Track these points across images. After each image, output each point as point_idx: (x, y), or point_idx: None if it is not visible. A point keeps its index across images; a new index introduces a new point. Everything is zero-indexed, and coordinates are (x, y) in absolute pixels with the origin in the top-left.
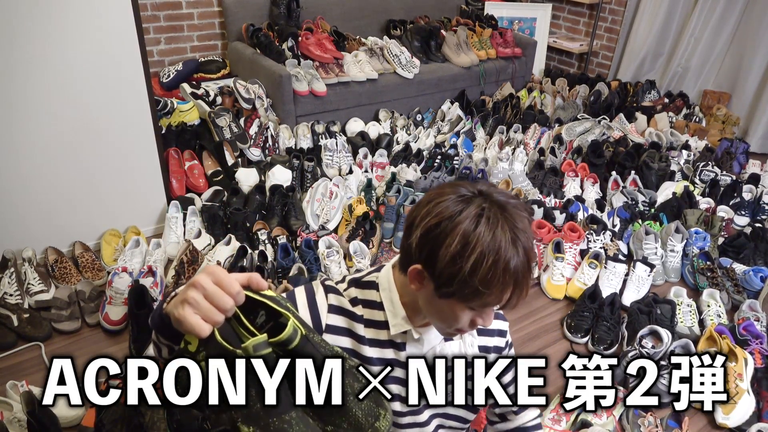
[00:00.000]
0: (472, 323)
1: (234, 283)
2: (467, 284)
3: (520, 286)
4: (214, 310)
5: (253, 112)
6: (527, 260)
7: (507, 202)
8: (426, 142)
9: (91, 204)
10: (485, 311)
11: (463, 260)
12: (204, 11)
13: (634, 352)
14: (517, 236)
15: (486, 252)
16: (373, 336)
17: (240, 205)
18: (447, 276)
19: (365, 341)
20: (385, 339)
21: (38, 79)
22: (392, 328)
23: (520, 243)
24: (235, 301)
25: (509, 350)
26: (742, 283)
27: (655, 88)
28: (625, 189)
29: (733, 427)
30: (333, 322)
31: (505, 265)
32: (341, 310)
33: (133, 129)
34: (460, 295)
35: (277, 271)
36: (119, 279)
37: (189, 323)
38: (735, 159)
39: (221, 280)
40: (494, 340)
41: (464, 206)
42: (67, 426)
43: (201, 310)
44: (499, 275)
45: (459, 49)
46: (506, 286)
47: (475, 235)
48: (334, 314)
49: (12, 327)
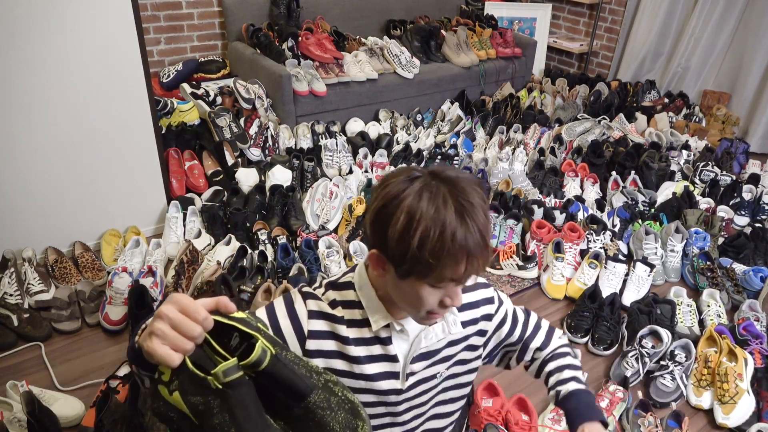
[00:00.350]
0: (442, 304)
1: (200, 309)
2: (418, 260)
3: (473, 258)
4: (181, 338)
5: (253, 112)
6: (478, 232)
7: (456, 178)
8: (426, 142)
9: (91, 204)
10: (450, 289)
11: (410, 236)
12: (204, 11)
13: (634, 352)
14: (464, 208)
15: (431, 225)
16: (357, 335)
17: (240, 205)
18: (399, 255)
19: (350, 341)
20: (369, 336)
21: (38, 80)
22: (373, 324)
23: (468, 215)
24: (202, 327)
25: (503, 308)
26: (742, 283)
27: (655, 88)
28: (625, 189)
29: (733, 427)
30: (315, 327)
31: (452, 237)
32: (321, 315)
33: (133, 129)
34: (416, 273)
35: (277, 271)
36: (119, 279)
37: (158, 354)
38: (735, 159)
39: (186, 308)
40: (480, 310)
41: (409, 184)
42: (67, 426)
43: (169, 340)
44: (447, 247)
45: (459, 49)
46: (458, 258)
47: (419, 209)
48: (315, 319)
49: (12, 327)
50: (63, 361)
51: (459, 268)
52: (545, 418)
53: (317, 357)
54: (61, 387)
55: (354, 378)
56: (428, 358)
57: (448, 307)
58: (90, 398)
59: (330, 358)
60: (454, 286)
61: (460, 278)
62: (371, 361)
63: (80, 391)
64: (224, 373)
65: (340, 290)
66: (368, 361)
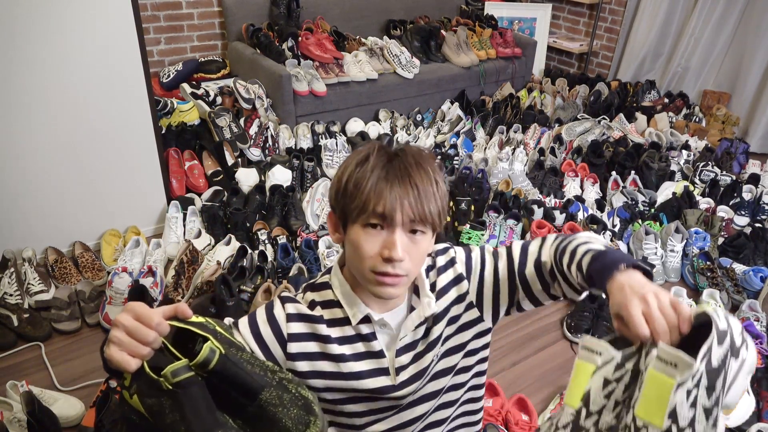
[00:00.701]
0: (381, 255)
1: (153, 315)
2: (345, 197)
3: (394, 194)
4: (136, 344)
5: (253, 112)
6: (404, 170)
7: (401, 145)
8: (426, 142)
9: (91, 204)
10: (386, 238)
11: (339, 181)
12: (204, 11)
13: None
14: (394, 155)
15: (355, 166)
16: (339, 334)
17: (240, 205)
18: (335, 202)
19: (332, 340)
20: (352, 334)
21: (38, 80)
22: (352, 319)
23: (397, 159)
24: (157, 332)
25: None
26: (742, 283)
27: (655, 88)
28: (625, 189)
29: (733, 427)
30: (294, 330)
31: (371, 171)
32: (301, 317)
33: (133, 129)
34: (348, 212)
35: (277, 271)
36: (119, 279)
37: (116, 360)
38: (735, 159)
39: (140, 315)
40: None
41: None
42: (67, 426)
43: (125, 347)
44: (366, 178)
45: (459, 49)
46: (378, 190)
47: (350, 160)
48: (294, 322)
49: (12, 327)
50: (63, 361)
51: (381, 202)
52: (545, 418)
53: (301, 360)
54: (61, 387)
55: (343, 378)
56: (414, 348)
57: (389, 262)
58: (90, 398)
59: (314, 360)
60: (387, 232)
61: (385, 214)
62: (357, 359)
63: (80, 391)
64: (173, 373)
65: (319, 291)
66: (354, 358)
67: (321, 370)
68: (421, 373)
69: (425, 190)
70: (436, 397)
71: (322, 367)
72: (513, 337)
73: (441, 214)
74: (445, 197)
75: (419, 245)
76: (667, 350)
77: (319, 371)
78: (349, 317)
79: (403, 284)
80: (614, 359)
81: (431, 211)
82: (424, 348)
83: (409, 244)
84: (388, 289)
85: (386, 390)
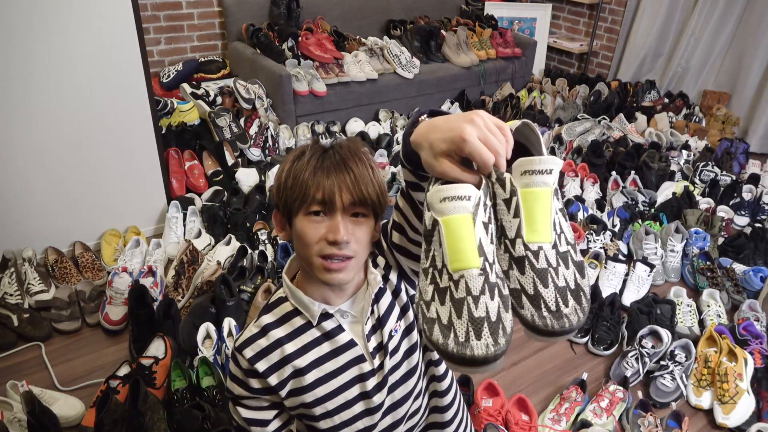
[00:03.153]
0: (326, 240)
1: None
2: (287, 191)
3: (332, 180)
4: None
5: (253, 112)
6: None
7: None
8: None
9: (91, 204)
10: (330, 223)
11: (280, 176)
12: (204, 11)
13: (634, 352)
14: (328, 148)
15: (293, 162)
16: (307, 340)
17: (240, 205)
18: (276, 196)
19: (298, 354)
20: (317, 336)
21: (38, 80)
22: (312, 319)
23: (331, 150)
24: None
25: None
26: (742, 283)
27: (655, 88)
28: (625, 189)
29: (733, 427)
30: (262, 366)
31: (308, 162)
32: (262, 353)
33: (133, 129)
34: (291, 205)
35: (277, 271)
36: (119, 279)
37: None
38: (735, 159)
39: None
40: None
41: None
42: (67, 426)
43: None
44: (303, 170)
45: (459, 49)
46: (317, 179)
47: (289, 156)
48: (259, 362)
49: (12, 327)
50: (63, 361)
51: (320, 189)
52: (545, 418)
53: (284, 386)
54: (61, 387)
55: (327, 381)
56: (381, 326)
57: (335, 243)
58: (90, 398)
59: (297, 377)
60: (329, 218)
61: (325, 200)
62: (330, 357)
63: (80, 391)
64: None
65: (273, 309)
66: (327, 358)
67: (305, 384)
68: (395, 348)
69: (361, 175)
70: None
71: (307, 380)
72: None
73: (380, 198)
74: (383, 183)
75: (362, 227)
76: (526, 161)
77: (304, 387)
78: (310, 321)
79: (352, 268)
80: (480, 197)
81: (369, 193)
82: (388, 321)
83: (353, 227)
84: (338, 274)
85: (367, 376)
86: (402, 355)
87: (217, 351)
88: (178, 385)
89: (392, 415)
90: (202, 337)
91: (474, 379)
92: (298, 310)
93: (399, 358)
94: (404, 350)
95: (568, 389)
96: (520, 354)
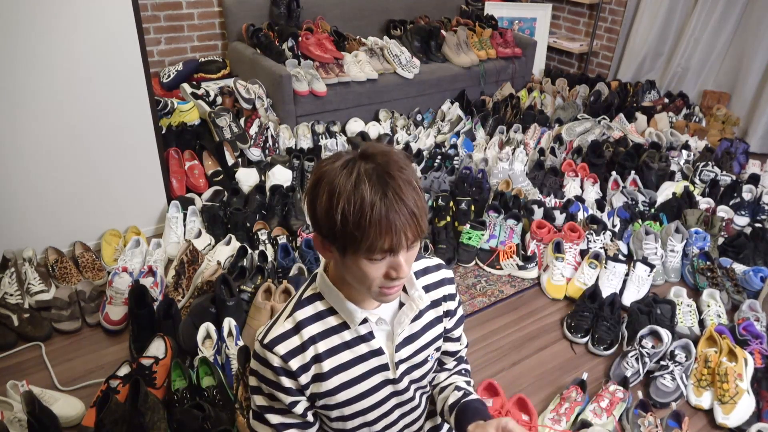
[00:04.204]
0: (387, 276)
1: None
2: (345, 234)
3: (399, 227)
4: None
5: (253, 112)
6: (400, 201)
7: (379, 153)
8: (426, 142)
9: (92, 204)
10: (391, 261)
11: (333, 212)
12: (204, 11)
13: (634, 352)
14: (384, 180)
15: (350, 198)
16: (336, 343)
17: (240, 205)
18: (329, 232)
19: (325, 355)
20: (352, 338)
21: (38, 80)
22: (352, 325)
23: (388, 186)
24: None
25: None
26: (742, 283)
27: (655, 88)
28: (625, 189)
29: (733, 427)
30: (296, 364)
31: (371, 208)
32: (295, 351)
33: (133, 129)
34: (350, 247)
35: (277, 271)
36: (119, 279)
37: None
38: (735, 159)
39: None
40: (442, 290)
41: (333, 164)
42: (67, 426)
43: None
44: (368, 218)
45: (459, 49)
46: (382, 229)
47: (338, 185)
48: (292, 359)
49: (12, 327)
50: (63, 361)
51: (387, 239)
52: (545, 418)
53: (309, 387)
54: (61, 387)
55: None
56: (413, 340)
57: (395, 279)
58: (90, 398)
59: (319, 380)
60: (392, 257)
61: (392, 248)
62: (359, 361)
63: (80, 391)
64: None
65: (308, 305)
66: (356, 362)
67: (332, 386)
68: (421, 362)
69: (420, 210)
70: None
71: (332, 383)
72: (513, 337)
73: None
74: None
75: (414, 252)
76: None
77: (330, 388)
78: (346, 323)
79: (401, 287)
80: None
81: (426, 225)
82: (424, 344)
83: (408, 257)
84: (391, 296)
85: (385, 384)
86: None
87: (217, 351)
88: (178, 385)
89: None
90: (202, 337)
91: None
92: (333, 310)
93: (420, 374)
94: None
95: (568, 389)
96: (520, 354)
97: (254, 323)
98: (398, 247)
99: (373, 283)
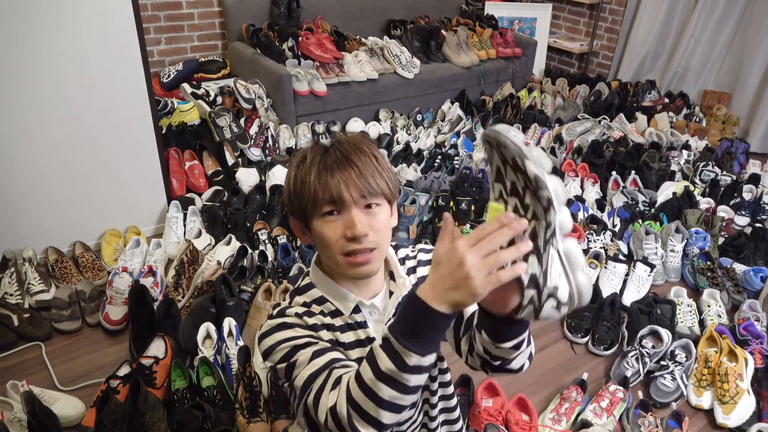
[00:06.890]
0: (345, 236)
1: None
2: (299, 199)
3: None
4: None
5: (253, 112)
6: (341, 153)
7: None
8: (426, 142)
9: (92, 204)
10: (345, 221)
11: (288, 184)
12: (204, 11)
13: (634, 352)
14: (331, 146)
15: (299, 166)
16: (340, 323)
17: (240, 205)
18: (291, 207)
19: (335, 328)
20: (347, 323)
21: (38, 80)
22: (345, 310)
23: (333, 147)
24: None
25: None
26: (742, 283)
27: (655, 88)
28: (625, 189)
29: (733, 427)
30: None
31: (311, 165)
32: (307, 312)
33: (133, 129)
34: (307, 212)
35: (277, 271)
36: (119, 279)
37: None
38: (735, 159)
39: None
40: (426, 268)
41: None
42: (67, 426)
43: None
44: (310, 175)
45: (459, 49)
46: (322, 179)
47: (292, 161)
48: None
49: (12, 327)
50: (63, 361)
51: (327, 190)
52: (545, 418)
53: None
54: (61, 387)
55: None
56: None
57: (354, 240)
58: (90, 398)
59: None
60: (343, 214)
61: (334, 199)
62: (353, 346)
63: (80, 391)
64: None
65: (304, 293)
66: (351, 347)
67: None
68: None
69: (366, 166)
70: None
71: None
72: None
73: (390, 184)
74: (390, 169)
75: (378, 217)
76: None
77: None
78: (340, 309)
79: (376, 258)
80: None
81: (377, 183)
82: None
83: (369, 219)
84: (365, 267)
85: None
86: None
87: (218, 351)
88: (179, 385)
89: None
90: (202, 337)
91: (474, 379)
92: (325, 298)
93: None
94: None
95: (569, 389)
96: None
97: (254, 323)
98: (342, 199)
99: (336, 247)
